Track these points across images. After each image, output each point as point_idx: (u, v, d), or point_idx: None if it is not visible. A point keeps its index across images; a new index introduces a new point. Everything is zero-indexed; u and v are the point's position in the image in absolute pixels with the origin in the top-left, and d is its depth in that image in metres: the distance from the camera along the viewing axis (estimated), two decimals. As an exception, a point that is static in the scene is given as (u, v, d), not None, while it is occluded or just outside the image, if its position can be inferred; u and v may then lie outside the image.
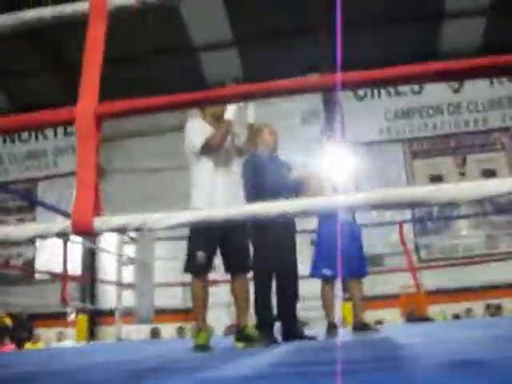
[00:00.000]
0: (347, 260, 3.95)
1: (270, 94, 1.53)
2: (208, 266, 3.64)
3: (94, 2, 1.46)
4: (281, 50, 11.61)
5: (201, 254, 3.56)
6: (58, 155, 14.27)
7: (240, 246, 3.79)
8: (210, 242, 3.63)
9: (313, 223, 4.85)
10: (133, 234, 6.47)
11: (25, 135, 14.51)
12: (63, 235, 1.37)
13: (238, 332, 3.71)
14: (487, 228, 11.90)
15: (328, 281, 4.40)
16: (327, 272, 4.32)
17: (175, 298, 10.15)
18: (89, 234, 1.31)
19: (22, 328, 11.08)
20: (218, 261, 3.80)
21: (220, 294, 7.51)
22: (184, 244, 3.75)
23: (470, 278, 9.52)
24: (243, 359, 2.55)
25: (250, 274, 4.01)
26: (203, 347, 3.42)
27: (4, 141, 14.62)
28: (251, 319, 4.07)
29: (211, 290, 3.76)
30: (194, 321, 3.68)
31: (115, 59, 10.67)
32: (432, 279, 9.23)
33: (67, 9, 1.48)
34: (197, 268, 3.61)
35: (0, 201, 14.18)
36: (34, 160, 14.55)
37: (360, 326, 4.29)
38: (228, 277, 3.84)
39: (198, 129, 3.76)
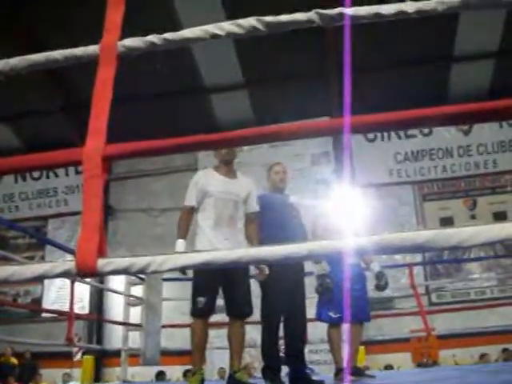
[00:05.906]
0: (351, 303, 3.93)
1: (280, 138, 1.53)
2: (209, 310, 3.69)
3: (105, 45, 1.47)
4: (291, 93, 11.72)
5: (201, 300, 3.63)
6: (69, 193, 14.36)
7: (241, 292, 3.80)
8: (210, 287, 3.69)
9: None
10: (141, 275, 6.42)
11: (36, 173, 14.62)
12: (67, 276, 1.35)
13: (230, 377, 3.70)
14: (499, 271, 11.77)
15: (334, 324, 4.34)
16: (333, 315, 4.27)
17: (183, 339, 9.99)
18: (92, 275, 1.29)
19: (26, 367, 10.96)
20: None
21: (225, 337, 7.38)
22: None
23: (482, 321, 9.36)
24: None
25: (258, 317, 4.00)
26: None
27: (15, 178, 14.73)
28: (244, 363, 4.04)
29: (218, 332, 3.78)
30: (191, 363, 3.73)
31: (126, 100, 10.80)
32: (443, 323, 9.08)
33: (77, 51, 1.50)
34: (198, 312, 3.68)
35: (10, 238, 14.23)
36: (45, 198, 14.64)
37: (356, 371, 4.26)
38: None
39: (192, 186, 3.87)
